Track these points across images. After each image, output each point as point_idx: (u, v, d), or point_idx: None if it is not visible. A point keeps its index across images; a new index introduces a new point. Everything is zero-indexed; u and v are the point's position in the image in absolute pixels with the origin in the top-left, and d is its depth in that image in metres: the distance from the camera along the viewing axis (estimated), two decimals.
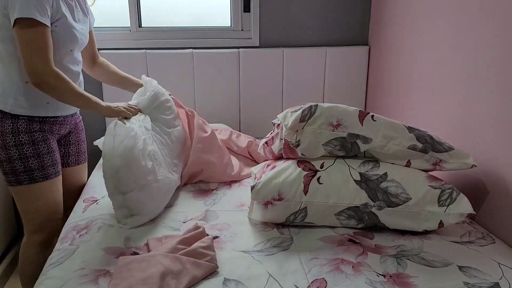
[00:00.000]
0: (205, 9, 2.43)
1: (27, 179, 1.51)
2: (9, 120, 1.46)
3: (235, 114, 2.42)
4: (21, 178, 1.51)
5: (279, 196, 1.40)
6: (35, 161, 1.51)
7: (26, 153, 1.49)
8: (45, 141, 1.54)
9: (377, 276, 1.18)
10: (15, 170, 1.49)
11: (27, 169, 1.50)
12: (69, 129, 1.70)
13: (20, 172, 1.50)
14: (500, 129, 1.44)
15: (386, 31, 2.25)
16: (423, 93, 1.91)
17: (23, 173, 1.50)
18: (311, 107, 1.43)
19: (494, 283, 1.16)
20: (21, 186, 1.52)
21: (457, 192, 1.39)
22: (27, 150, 1.49)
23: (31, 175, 1.51)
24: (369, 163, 1.44)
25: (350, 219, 1.41)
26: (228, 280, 1.16)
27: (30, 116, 1.49)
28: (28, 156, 1.50)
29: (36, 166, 1.51)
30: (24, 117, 1.48)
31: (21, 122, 1.48)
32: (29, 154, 1.50)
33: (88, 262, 1.23)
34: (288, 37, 2.41)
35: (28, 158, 1.50)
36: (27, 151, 1.49)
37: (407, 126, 1.43)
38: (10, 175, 1.51)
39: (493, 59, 1.46)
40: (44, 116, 1.53)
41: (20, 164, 1.49)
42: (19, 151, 1.48)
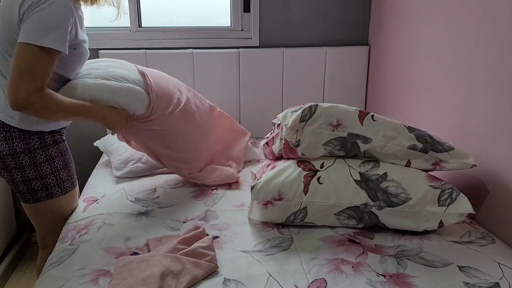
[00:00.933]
0: (205, 9, 2.43)
1: (59, 192, 1.50)
2: (35, 136, 1.42)
3: (235, 114, 2.42)
4: (53, 192, 1.48)
5: (279, 196, 1.40)
6: (65, 172, 1.50)
7: (57, 166, 1.48)
8: (68, 149, 1.55)
9: (377, 276, 1.18)
10: (47, 186, 1.47)
11: (59, 181, 1.49)
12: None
13: (52, 186, 1.48)
14: (500, 129, 1.44)
15: (386, 31, 2.25)
16: (423, 93, 1.91)
17: (55, 186, 1.48)
18: (311, 107, 1.43)
19: (494, 283, 1.16)
20: (52, 199, 1.49)
21: (457, 192, 1.39)
22: (57, 162, 1.48)
23: (63, 186, 1.51)
24: (369, 163, 1.44)
25: (350, 219, 1.41)
26: (228, 280, 1.16)
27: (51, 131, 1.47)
28: (59, 169, 1.48)
29: (66, 177, 1.51)
30: (47, 132, 1.45)
31: (47, 136, 1.45)
32: (60, 166, 1.48)
33: (88, 262, 1.23)
34: (288, 37, 2.41)
35: (59, 170, 1.48)
36: (58, 163, 1.48)
37: (407, 126, 1.44)
38: (39, 192, 1.46)
39: (493, 59, 1.46)
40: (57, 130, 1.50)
41: (53, 178, 1.47)
42: (51, 165, 1.46)
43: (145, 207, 1.57)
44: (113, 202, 1.61)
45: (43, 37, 1.25)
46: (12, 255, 2.28)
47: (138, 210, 1.55)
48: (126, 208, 1.56)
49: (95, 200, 1.64)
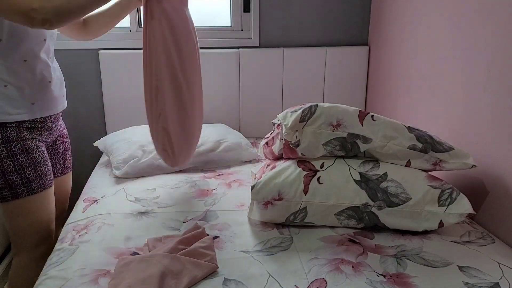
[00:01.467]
0: (205, 9, 2.43)
1: (25, 191, 1.40)
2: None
3: (235, 114, 2.42)
4: (19, 191, 1.40)
5: (279, 196, 1.40)
6: (32, 171, 1.41)
7: (22, 163, 1.39)
8: (39, 148, 1.44)
9: (377, 276, 1.18)
10: (11, 184, 1.38)
11: (24, 180, 1.40)
12: (56, 137, 1.61)
13: (17, 185, 1.39)
14: (500, 129, 1.44)
15: (386, 31, 2.25)
16: (423, 93, 1.91)
17: (20, 186, 1.39)
18: (311, 107, 1.43)
19: (494, 283, 1.16)
20: (18, 200, 1.40)
21: (457, 192, 1.39)
22: (22, 160, 1.39)
23: (29, 186, 1.41)
24: (369, 163, 1.44)
25: (350, 219, 1.41)
26: (228, 280, 1.16)
27: (19, 122, 1.39)
28: (25, 167, 1.39)
29: (33, 177, 1.41)
30: (12, 125, 1.37)
31: (10, 131, 1.36)
32: (25, 164, 1.39)
33: (88, 262, 1.23)
34: (288, 37, 2.41)
35: (25, 168, 1.39)
36: (22, 161, 1.39)
37: (407, 126, 1.44)
38: (4, 190, 1.38)
39: (493, 59, 1.46)
40: (32, 120, 1.42)
41: (17, 176, 1.38)
42: (14, 162, 1.37)
43: (145, 207, 1.57)
44: (113, 202, 1.61)
45: None
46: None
47: (138, 210, 1.55)
48: (126, 208, 1.56)
49: (95, 200, 1.64)
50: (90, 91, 2.34)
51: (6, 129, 1.36)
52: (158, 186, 1.75)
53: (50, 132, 1.53)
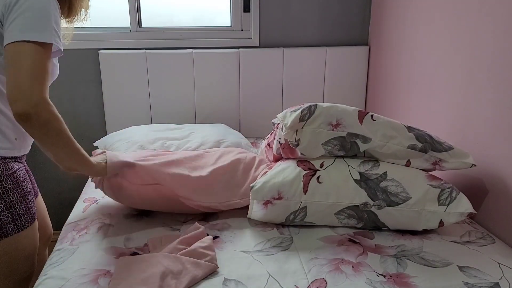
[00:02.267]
0: (205, 9, 2.44)
1: (15, 229, 1.27)
2: None
3: (235, 114, 2.42)
4: (8, 230, 1.26)
5: (279, 195, 1.40)
6: (22, 205, 1.28)
7: (13, 199, 1.26)
8: (25, 178, 1.31)
9: (377, 276, 1.18)
10: (0, 224, 1.24)
11: (14, 217, 1.27)
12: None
13: (7, 224, 1.25)
14: (500, 128, 1.44)
15: (386, 31, 2.25)
16: (423, 93, 1.91)
17: (10, 224, 1.26)
18: (311, 106, 1.43)
19: (494, 283, 1.16)
20: (6, 238, 1.26)
21: (457, 192, 1.39)
22: (13, 196, 1.26)
23: (20, 222, 1.28)
24: (369, 162, 1.44)
25: (350, 218, 1.41)
26: (228, 280, 1.16)
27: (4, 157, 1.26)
28: (15, 203, 1.26)
29: (23, 212, 1.29)
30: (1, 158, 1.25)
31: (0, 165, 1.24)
32: (16, 200, 1.26)
33: (88, 262, 1.23)
34: (288, 37, 2.41)
35: (16, 204, 1.26)
36: (13, 197, 1.26)
37: (406, 126, 1.44)
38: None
39: (493, 59, 1.46)
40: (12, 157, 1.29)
41: (8, 215, 1.25)
42: (5, 200, 1.24)
43: None
44: (113, 202, 1.61)
45: (39, 32, 1.10)
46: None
47: (138, 210, 1.55)
48: (126, 208, 1.56)
49: (95, 200, 1.64)
50: (90, 91, 2.34)
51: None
52: None
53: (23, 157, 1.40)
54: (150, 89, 2.31)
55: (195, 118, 2.39)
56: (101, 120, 2.38)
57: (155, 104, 2.34)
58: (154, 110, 2.34)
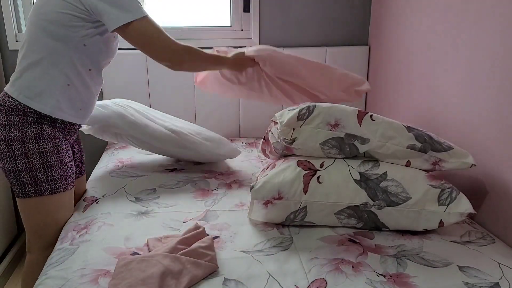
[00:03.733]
0: (205, 9, 2.44)
1: (49, 189, 1.41)
2: (32, 125, 1.37)
3: (235, 115, 2.42)
4: (43, 189, 1.40)
5: (279, 195, 1.40)
6: (58, 170, 1.42)
7: (51, 161, 1.40)
8: (67, 148, 1.47)
9: (377, 276, 1.18)
10: (36, 180, 1.39)
11: (50, 178, 1.40)
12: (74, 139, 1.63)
13: (42, 182, 1.40)
14: (500, 128, 1.44)
15: (386, 31, 2.25)
16: (423, 93, 1.91)
17: (45, 183, 1.40)
18: (309, 106, 1.43)
19: (494, 283, 1.16)
20: (40, 197, 1.41)
21: (457, 192, 1.39)
22: (51, 158, 1.40)
23: (54, 185, 1.42)
24: (369, 162, 1.44)
25: (350, 218, 1.41)
26: (228, 280, 1.16)
27: (54, 120, 1.42)
28: (52, 165, 1.40)
29: (59, 175, 1.42)
30: (48, 122, 1.40)
31: (45, 128, 1.39)
32: (53, 162, 1.41)
33: (88, 262, 1.23)
34: (288, 37, 2.41)
35: (52, 166, 1.40)
36: (51, 159, 1.40)
37: (406, 126, 1.44)
38: (28, 186, 1.39)
39: (493, 59, 1.46)
40: (71, 123, 1.48)
41: (43, 173, 1.39)
42: (43, 159, 1.39)
43: (145, 207, 1.57)
44: (113, 202, 1.61)
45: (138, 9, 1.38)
46: (12, 255, 2.28)
47: (138, 210, 1.55)
48: (126, 208, 1.56)
49: (95, 200, 1.64)
50: None
51: (42, 125, 1.39)
52: (158, 186, 1.75)
53: (74, 134, 1.57)
54: (150, 89, 2.31)
55: (195, 118, 2.39)
56: None
57: (155, 104, 2.34)
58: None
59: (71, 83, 1.42)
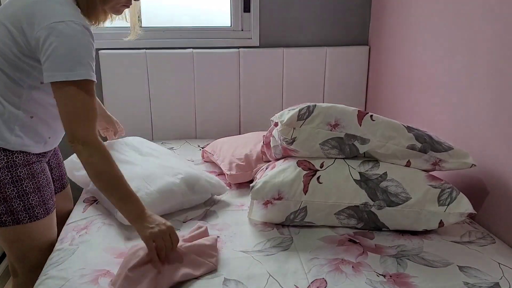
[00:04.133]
0: (205, 9, 2.43)
1: (27, 217, 1.31)
2: (2, 153, 1.25)
3: (235, 114, 2.42)
4: (20, 217, 1.30)
5: (279, 195, 1.40)
6: (36, 196, 1.32)
7: (26, 189, 1.30)
8: (44, 171, 1.36)
9: (377, 276, 1.18)
10: (12, 210, 1.28)
11: (27, 206, 1.30)
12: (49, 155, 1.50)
13: (18, 211, 1.29)
14: (499, 128, 1.44)
15: (386, 31, 2.25)
16: (423, 93, 1.91)
17: (22, 212, 1.30)
18: (309, 106, 1.43)
19: (494, 283, 1.16)
20: (19, 225, 1.31)
21: (457, 192, 1.39)
22: (26, 185, 1.30)
23: (32, 212, 1.32)
24: (369, 162, 1.44)
25: (350, 219, 1.41)
26: (228, 280, 1.16)
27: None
28: (29, 192, 1.30)
29: (36, 203, 1.32)
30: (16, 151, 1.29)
31: (17, 155, 1.27)
32: (29, 190, 1.30)
33: (88, 262, 1.23)
34: (288, 37, 2.41)
35: (29, 194, 1.30)
36: (27, 186, 1.30)
37: (406, 126, 1.43)
38: (4, 215, 1.29)
39: (493, 59, 1.46)
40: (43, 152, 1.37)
41: (19, 202, 1.29)
42: (18, 188, 1.28)
43: None
44: None
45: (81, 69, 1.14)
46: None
47: None
48: None
49: (95, 200, 1.63)
50: None
51: (13, 153, 1.27)
52: None
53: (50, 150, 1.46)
54: (150, 89, 2.31)
55: (195, 118, 2.39)
56: None
57: (155, 104, 2.34)
58: (154, 110, 2.34)
59: (34, 115, 1.29)
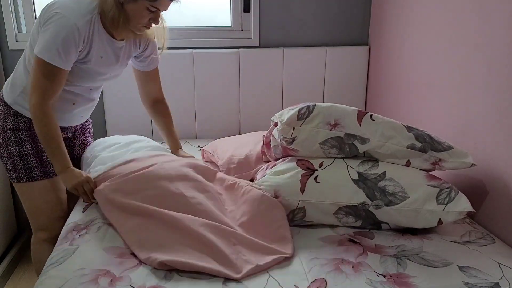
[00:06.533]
0: (205, 9, 2.43)
1: (26, 176, 1.54)
2: (11, 117, 1.51)
3: (235, 114, 2.42)
4: (21, 175, 1.54)
5: (275, 194, 1.40)
6: (34, 158, 1.53)
7: (26, 150, 1.52)
8: None
9: (377, 276, 1.18)
10: (15, 167, 1.53)
11: (26, 166, 1.53)
12: (73, 133, 1.72)
13: (19, 169, 1.53)
14: (499, 128, 1.44)
15: (386, 31, 2.25)
16: (423, 93, 1.91)
17: (22, 171, 1.53)
18: (309, 106, 1.43)
19: (494, 283, 1.16)
20: (20, 183, 1.55)
21: (456, 191, 1.39)
22: (26, 147, 1.52)
23: (30, 173, 1.53)
24: (368, 162, 1.44)
25: (348, 216, 1.41)
26: (228, 280, 1.16)
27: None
28: (28, 154, 1.52)
29: (35, 164, 1.53)
30: (26, 116, 1.52)
31: (22, 120, 1.52)
32: (29, 151, 1.53)
33: (88, 262, 1.23)
34: (288, 37, 2.41)
35: (27, 155, 1.52)
36: (27, 148, 1.52)
37: (405, 126, 1.43)
38: (11, 171, 1.55)
39: (493, 59, 1.46)
40: None
41: (19, 161, 1.52)
42: (19, 148, 1.51)
43: None
44: None
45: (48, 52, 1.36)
46: (12, 255, 2.28)
47: None
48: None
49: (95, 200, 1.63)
50: None
51: (20, 118, 1.52)
52: None
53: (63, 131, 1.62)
54: None
55: (195, 118, 2.39)
56: (101, 120, 2.38)
57: None
58: None
59: None
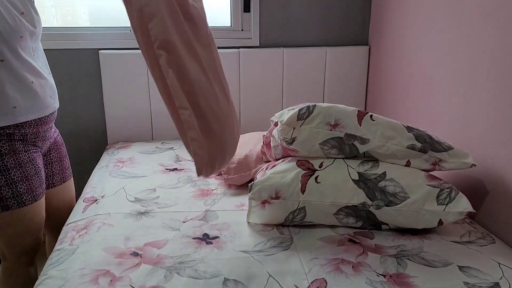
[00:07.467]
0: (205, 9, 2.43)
1: (15, 204, 1.42)
2: None
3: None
4: (9, 204, 1.41)
5: (276, 194, 1.40)
6: (23, 185, 1.42)
7: (14, 177, 1.39)
8: (32, 161, 1.45)
9: (377, 276, 1.18)
10: (1, 197, 1.39)
11: (15, 194, 1.41)
12: (49, 145, 1.60)
13: (7, 198, 1.40)
14: (499, 128, 1.44)
15: (386, 31, 2.25)
16: (423, 93, 1.91)
17: (10, 199, 1.41)
18: (309, 106, 1.43)
19: (494, 283, 1.16)
20: (8, 211, 1.42)
21: (456, 191, 1.39)
22: (14, 174, 1.39)
23: (20, 199, 1.42)
24: (368, 162, 1.44)
25: (348, 217, 1.41)
26: (228, 280, 1.16)
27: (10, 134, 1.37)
28: (16, 181, 1.40)
29: (24, 190, 1.43)
30: (5, 138, 1.36)
31: (2, 144, 1.36)
32: (17, 178, 1.40)
33: (88, 262, 1.23)
34: (288, 37, 2.41)
35: (17, 183, 1.40)
36: (15, 175, 1.39)
37: (406, 126, 1.44)
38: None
39: (493, 59, 1.46)
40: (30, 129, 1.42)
41: (8, 190, 1.39)
42: (6, 177, 1.38)
43: (145, 207, 1.57)
44: (113, 202, 1.61)
45: None
46: None
47: (138, 210, 1.55)
48: (126, 208, 1.56)
49: (95, 200, 1.64)
50: (90, 91, 2.34)
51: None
52: (158, 186, 1.75)
53: (44, 141, 1.53)
54: (150, 89, 2.31)
55: None
56: (101, 120, 2.38)
57: (155, 104, 2.34)
58: (154, 110, 2.34)
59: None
